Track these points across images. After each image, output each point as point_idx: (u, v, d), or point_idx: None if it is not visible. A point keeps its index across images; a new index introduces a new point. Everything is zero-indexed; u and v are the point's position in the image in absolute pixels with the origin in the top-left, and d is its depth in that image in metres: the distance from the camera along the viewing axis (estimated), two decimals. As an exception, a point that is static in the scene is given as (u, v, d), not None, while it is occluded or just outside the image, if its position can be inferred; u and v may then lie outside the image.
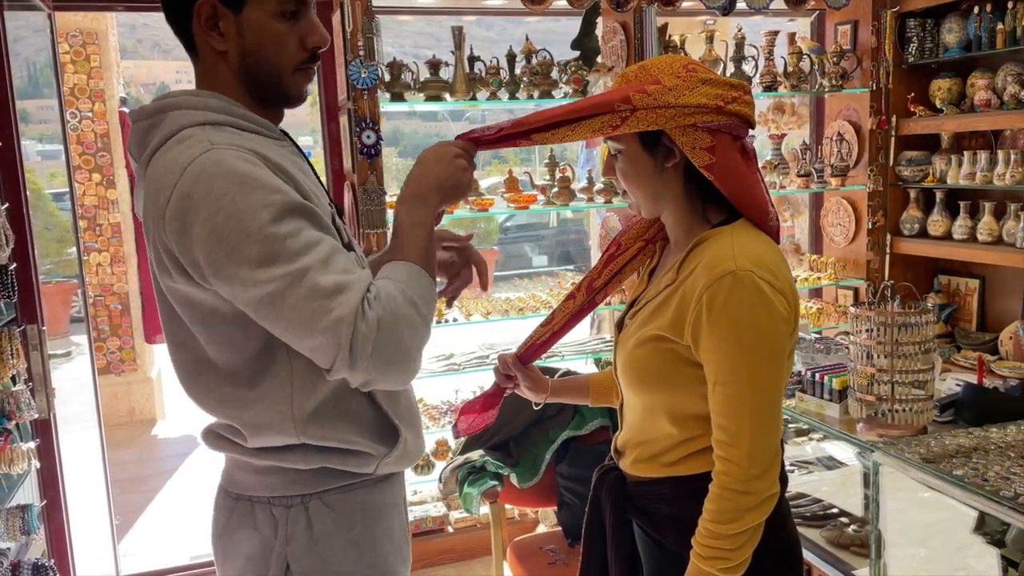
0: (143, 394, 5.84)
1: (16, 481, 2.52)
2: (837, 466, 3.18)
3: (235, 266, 1.05)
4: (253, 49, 1.19)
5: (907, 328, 2.06)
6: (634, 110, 1.25)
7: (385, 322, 1.08)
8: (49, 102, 3.27)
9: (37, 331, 2.55)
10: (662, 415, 1.40)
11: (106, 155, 5.46)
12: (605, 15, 3.33)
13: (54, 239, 4.36)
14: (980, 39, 3.18)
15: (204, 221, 1.05)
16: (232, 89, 1.21)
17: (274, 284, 1.05)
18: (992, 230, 3.18)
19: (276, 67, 1.21)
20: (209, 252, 1.05)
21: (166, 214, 1.07)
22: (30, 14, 2.96)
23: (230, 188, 1.05)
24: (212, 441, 1.28)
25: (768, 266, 1.28)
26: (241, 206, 1.04)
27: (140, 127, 1.17)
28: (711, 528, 1.29)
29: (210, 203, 1.04)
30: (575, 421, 2.70)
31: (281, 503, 1.24)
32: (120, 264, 5.60)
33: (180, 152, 1.09)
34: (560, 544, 2.68)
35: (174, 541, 3.96)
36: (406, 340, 1.10)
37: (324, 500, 1.25)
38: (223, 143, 1.10)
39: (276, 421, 1.19)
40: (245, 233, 1.04)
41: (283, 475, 1.23)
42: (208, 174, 1.06)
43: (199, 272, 1.08)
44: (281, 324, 1.08)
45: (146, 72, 19.77)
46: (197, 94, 1.18)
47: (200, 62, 1.22)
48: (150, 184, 1.11)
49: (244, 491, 1.27)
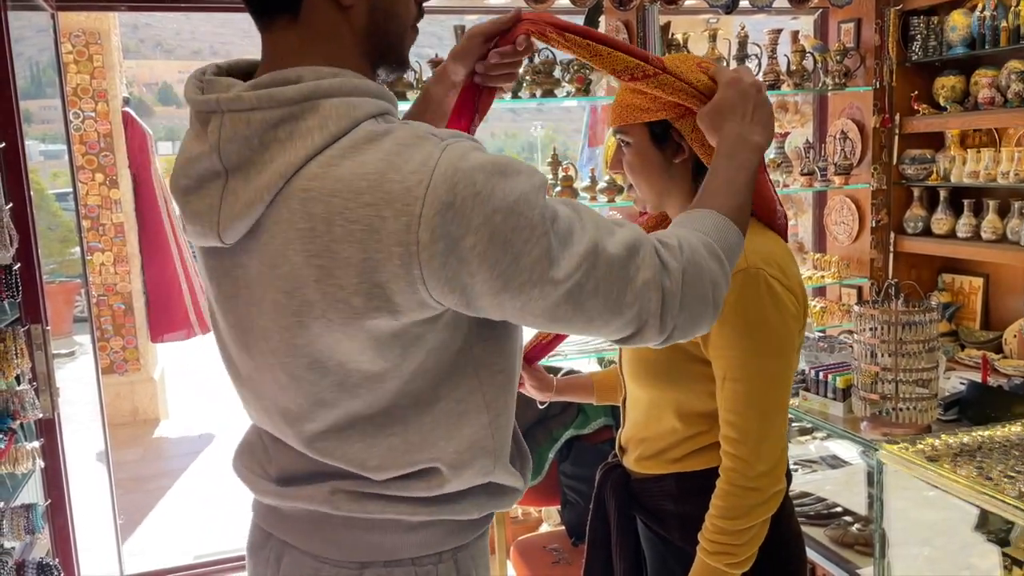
0: (146, 394, 5.85)
1: (20, 480, 2.52)
2: (841, 465, 3.17)
3: (526, 273, 0.84)
4: (385, 2, 0.95)
5: (911, 327, 2.06)
6: (664, 70, 1.19)
7: (689, 275, 0.94)
8: (52, 102, 3.27)
9: (41, 331, 2.55)
10: (668, 411, 1.40)
11: (109, 155, 5.47)
12: (608, 14, 3.32)
13: (57, 239, 4.37)
14: (984, 37, 3.17)
15: (478, 229, 0.81)
16: (351, 57, 0.94)
17: (573, 278, 0.86)
18: (996, 228, 3.18)
19: (403, 25, 0.98)
20: (493, 264, 0.83)
21: (414, 238, 0.81)
22: (33, 14, 2.96)
23: (492, 181, 0.82)
24: (346, 503, 0.98)
25: (778, 263, 1.28)
26: (512, 198, 0.83)
27: (260, 118, 0.85)
28: (718, 524, 1.29)
29: (480, 206, 0.81)
30: (578, 420, 2.70)
31: (428, 562, 1.01)
32: (123, 264, 5.61)
33: (398, 155, 0.83)
34: (563, 543, 2.68)
35: (178, 541, 3.97)
36: (710, 295, 0.96)
37: (471, 550, 1.05)
38: (444, 133, 0.87)
39: (477, 457, 0.98)
40: (528, 228, 0.83)
41: (441, 527, 1.01)
42: (464, 173, 0.82)
43: (465, 296, 0.85)
44: (581, 319, 0.89)
45: (148, 72, 19.81)
46: (339, 73, 0.89)
47: (305, 25, 0.92)
48: (327, 203, 0.83)
49: (376, 556, 1.00)
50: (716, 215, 1.03)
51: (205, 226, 0.89)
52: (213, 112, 0.87)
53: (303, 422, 0.95)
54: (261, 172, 0.85)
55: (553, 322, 0.89)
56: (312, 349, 0.89)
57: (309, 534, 1.01)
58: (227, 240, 0.89)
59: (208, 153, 0.87)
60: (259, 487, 1.05)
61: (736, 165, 1.10)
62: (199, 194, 0.89)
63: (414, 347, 0.90)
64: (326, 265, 0.83)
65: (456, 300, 0.86)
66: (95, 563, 3.09)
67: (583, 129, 4.83)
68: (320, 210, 0.83)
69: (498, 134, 28.06)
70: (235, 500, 4.26)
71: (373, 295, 0.84)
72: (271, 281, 0.88)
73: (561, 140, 17.08)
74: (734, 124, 1.13)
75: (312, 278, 0.84)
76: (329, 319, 0.86)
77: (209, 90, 0.90)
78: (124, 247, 5.60)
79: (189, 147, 0.91)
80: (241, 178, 0.86)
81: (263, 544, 1.08)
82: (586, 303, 0.88)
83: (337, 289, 0.84)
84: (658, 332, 0.93)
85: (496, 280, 0.84)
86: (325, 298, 0.85)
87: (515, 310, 0.87)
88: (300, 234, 0.84)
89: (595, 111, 4.47)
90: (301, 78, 0.86)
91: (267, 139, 0.85)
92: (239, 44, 28.81)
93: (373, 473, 0.96)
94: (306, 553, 1.02)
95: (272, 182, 0.84)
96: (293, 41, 0.92)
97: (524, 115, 16.97)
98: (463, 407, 0.97)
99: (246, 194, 0.86)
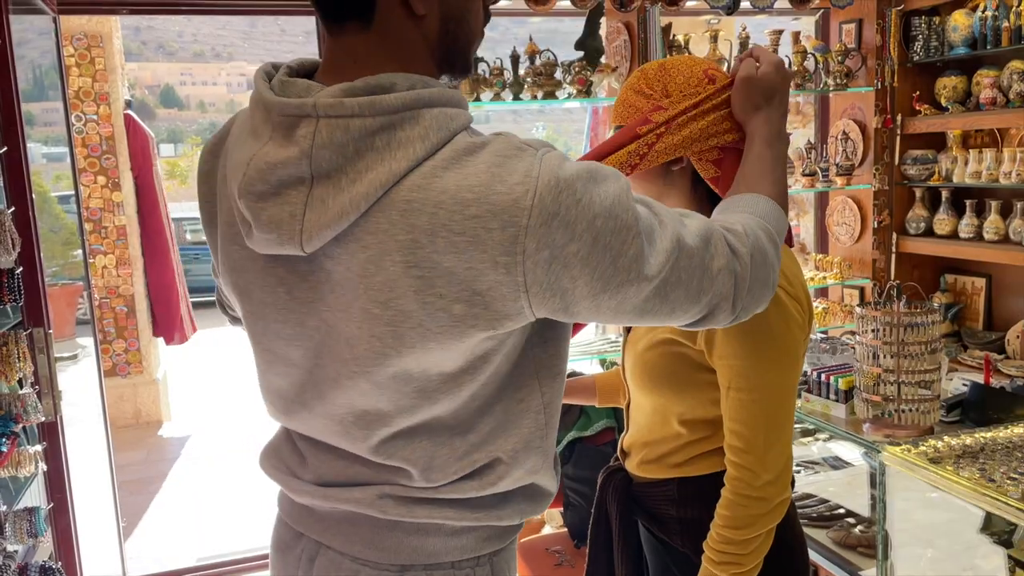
0: (149, 396, 5.86)
1: (23, 484, 2.53)
2: (843, 466, 3.17)
3: (623, 272, 0.87)
4: (457, 9, 0.95)
5: (913, 328, 2.05)
6: (657, 141, 1.23)
7: (756, 260, 0.98)
8: (55, 104, 3.28)
9: (43, 334, 2.55)
10: (671, 417, 1.40)
11: (111, 157, 5.48)
12: (609, 15, 3.32)
13: (60, 241, 4.37)
14: (985, 37, 3.16)
15: (581, 235, 0.84)
16: (422, 63, 0.94)
17: (662, 273, 0.89)
18: (998, 228, 3.17)
19: (473, 32, 0.99)
20: (595, 267, 0.85)
21: (520, 247, 0.82)
22: (35, 17, 2.97)
23: (589, 188, 0.85)
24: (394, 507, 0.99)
25: (783, 272, 1.27)
26: (608, 202, 0.85)
27: (360, 125, 0.83)
28: (724, 534, 1.28)
29: (583, 213, 0.84)
30: (580, 422, 2.70)
31: (467, 565, 1.03)
32: (126, 266, 5.62)
33: (501, 167, 0.83)
34: (566, 545, 2.68)
35: (181, 543, 3.97)
36: (771, 278, 1.02)
37: (506, 554, 1.07)
38: (534, 143, 0.89)
39: (530, 454, 1.01)
40: (624, 230, 0.86)
41: (482, 532, 1.03)
42: (566, 182, 0.84)
43: (564, 300, 0.87)
44: (666, 309, 0.92)
45: (151, 74, 19.85)
46: (430, 82, 0.89)
47: (379, 32, 0.91)
48: (431, 215, 0.82)
49: (417, 560, 1.01)
50: (768, 200, 1.08)
51: (284, 234, 0.86)
52: (306, 116, 0.84)
53: (379, 427, 0.95)
54: (355, 181, 0.83)
55: (643, 315, 0.92)
56: (401, 358, 0.89)
57: (348, 535, 1.01)
58: (308, 249, 0.86)
59: (296, 159, 0.84)
60: (294, 486, 1.05)
61: (774, 155, 1.15)
62: (278, 201, 0.86)
63: (494, 353, 0.93)
64: (427, 276, 0.83)
65: (555, 304, 0.87)
66: (98, 566, 3.09)
67: (585, 131, 4.83)
68: (423, 222, 0.82)
69: (500, 135, 28.01)
70: (238, 502, 4.27)
71: (474, 303, 0.84)
72: (363, 291, 0.86)
73: (563, 141, 17.08)
74: (772, 111, 1.18)
75: (412, 288, 0.84)
76: (426, 328, 0.86)
77: (291, 95, 0.87)
78: (126, 249, 5.61)
79: (267, 153, 0.86)
80: (330, 186, 0.84)
81: (293, 544, 1.08)
82: (671, 294, 0.91)
83: (437, 298, 0.84)
84: (729, 314, 0.98)
85: (597, 282, 0.86)
86: (424, 308, 0.85)
87: (610, 309, 0.90)
88: (400, 245, 0.83)
89: (596, 112, 4.47)
90: (395, 85, 0.85)
91: (362, 147, 0.83)
92: (240, 46, 28.80)
93: (429, 476, 0.97)
94: (344, 554, 1.01)
95: (370, 192, 0.83)
96: (365, 46, 0.91)
97: (526, 116, 16.97)
98: (523, 407, 0.99)
99: (338, 203, 0.83)
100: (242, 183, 0.88)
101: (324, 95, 0.84)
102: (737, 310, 0.98)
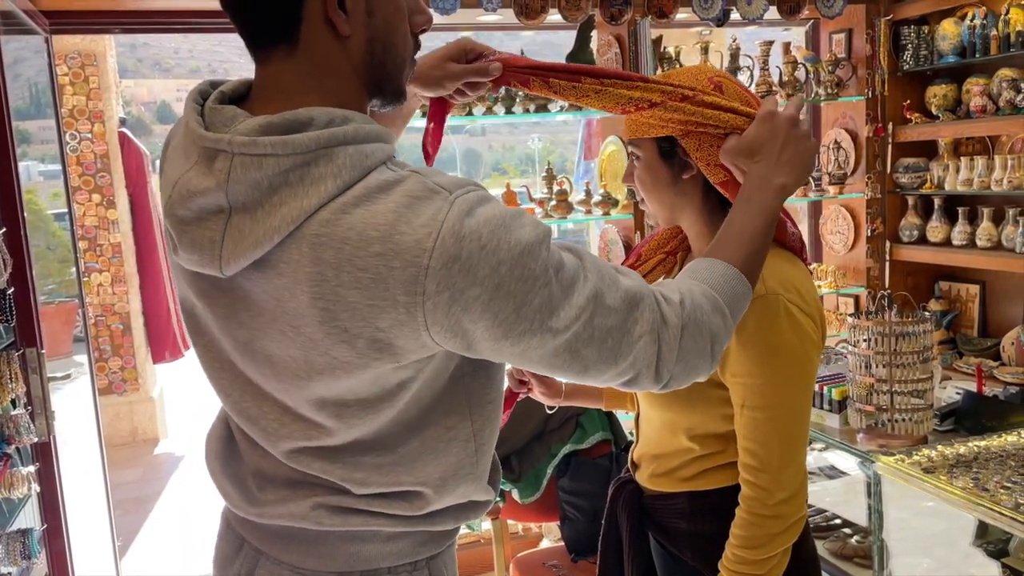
0: (145, 414, 5.84)
1: (16, 505, 2.51)
2: (839, 475, 3.16)
3: (526, 321, 0.86)
4: (383, 32, 0.93)
5: (905, 337, 2.05)
6: (679, 98, 1.19)
7: (690, 331, 0.97)
8: (50, 123, 3.28)
9: (36, 354, 2.55)
10: (681, 432, 1.38)
11: (106, 176, 5.48)
12: (599, 28, 3.34)
13: (57, 259, 4.37)
14: (974, 45, 3.18)
15: (483, 281, 0.84)
16: (349, 89, 0.93)
17: (573, 328, 0.89)
18: (991, 235, 3.18)
19: (400, 57, 0.97)
20: (495, 313, 0.85)
21: (420, 288, 0.83)
22: (27, 38, 2.98)
23: (497, 234, 0.85)
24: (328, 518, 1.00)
25: (797, 288, 1.26)
26: (517, 250, 0.85)
27: (273, 163, 0.84)
28: (739, 554, 1.26)
29: (486, 259, 0.84)
30: (576, 435, 2.69)
31: (404, 570, 1.04)
32: (121, 284, 5.61)
33: (409, 208, 0.84)
34: (563, 559, 2.67)
35: (177, 561, 3.95)
36: (709, 349, 1.00)
37: (444, 557, 1.08)
38: (450, 184, 0.88)
39: (460, 482, 1.02)
40: (531, 279, 0.86)
41: (418, 537, 1.04)
42: (471, 228, 0.84)
43: (466, 341, 0.88)
44: (577, 366, 0.92)
45: (147, 91, 19.88)
46: (350, 118, 0.88)
47: (303, 57, 0.91)
48: (337, 249, 0.83)
49: (354, 566, 1.03)
50: (725, 266, 1.06)
51: (204, 257, 0.88)
52: (223, 152, 0.85)
53: (288, 441, 0.96)
54: (270, 214, 0.85)
55: (551, 368, 0.93)
56: (313, 383, 0.91)
57: (286, 544, 1.03)
58: (227, 273, 0.88)
59: (214, 190, 0.86)
60: (235, 502, 1.06)
61: (754, 210, 1.11)
62: (200, 225, 0.88)
63: (412, 381, 0.93)
64: (331, 308, 0.85)
65: (457, 344, 0.88)
66: (93, 586, 3.07)
67: (579, 142, 4.85)
68: (330, 256, 0.84)
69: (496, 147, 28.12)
70: (235, 519, 4.24)
71: (376, 338, 0.86)
72: (279, 314, 0.88)
73: (559, 152, 17.12)
74: (760, 165, 1.14)
75: (317, 319, 0.86)
76: (333, 356, 0.88)
77: (216, 123, 0.89)
78: (122, 267, 5.60)
79: (189, 179, 0.88)
80: (247, 217, 0.86)
81: (233, 557, 1.09)
82: (582, 351, 0.91)
83: (341, 331, 0.86)
84: (653, 382, 0.97)
85: (497, 328, 0.86)
86: (329, 338, 0.86)
87: (514, 356, 0.90)
88: (308, 276, 0.85)
89: (590, 124, 4.48)
90: (312, 120, 0.86)
91: (277, 182, 0.85)
92: (237, 62, 28.90)
93: (356, 487, 0.97)
94: (283, 564, 1.03)
95: (282, 225, 0.84)
96: (291, 73, 0.91)
97: (522, 127, 17.02)
98: (452, 434, 0.99)
99: (253, 234, 0.85)
100: (167, 204, 0.91)
101: (241, 131, 0.85)
102: (664, 378, 0.97)
